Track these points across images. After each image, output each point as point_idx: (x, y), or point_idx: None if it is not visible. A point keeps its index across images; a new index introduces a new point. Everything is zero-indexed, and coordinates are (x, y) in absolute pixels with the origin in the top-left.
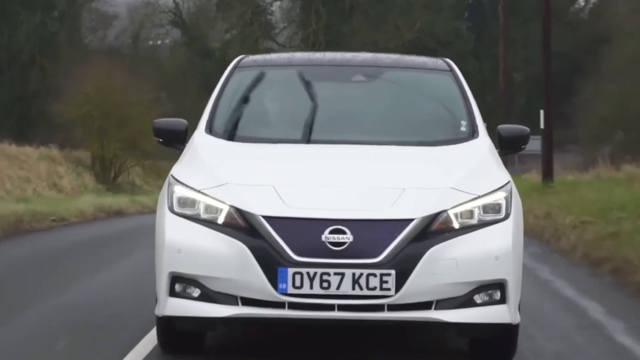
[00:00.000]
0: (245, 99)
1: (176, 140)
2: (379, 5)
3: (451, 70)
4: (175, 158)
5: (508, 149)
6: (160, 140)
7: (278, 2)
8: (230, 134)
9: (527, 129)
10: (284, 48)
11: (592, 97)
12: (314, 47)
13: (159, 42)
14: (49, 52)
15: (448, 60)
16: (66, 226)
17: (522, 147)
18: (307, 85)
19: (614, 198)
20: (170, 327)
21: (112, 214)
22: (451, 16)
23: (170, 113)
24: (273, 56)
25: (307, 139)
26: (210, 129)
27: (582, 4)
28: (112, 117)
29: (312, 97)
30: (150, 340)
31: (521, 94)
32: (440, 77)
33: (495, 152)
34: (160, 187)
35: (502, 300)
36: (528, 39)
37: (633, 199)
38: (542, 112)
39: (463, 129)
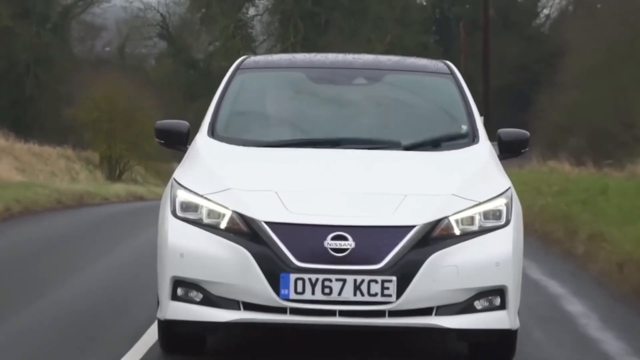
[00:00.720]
0: (247, 102)
1: (178, 142)
2: (353, 20)
3: (452, 73)
4: (175, 159)
5: (508, 152)
6: (162, 141)
7: (258, 17)
8: (232, 138)
9: (527, 132)
10: None
11: (547, 106)
12: None
13: (139, 50)
14: (43, 62)
15: (449, 62)
16: (110, 203)
17: (522, 151)
18: (309, 88)
19: (524, 180)
20: (172, 330)
21: (137, 197)
22: (420, 30)
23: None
24: (275, 57)
25: (309, 143)
26: (212, 132)
27: (543, 19)
28: (118, 122)
29: (314, 101)
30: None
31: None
32: (441, 80)
33: (495, 156)
34: (158, 185)
35: (502, 306)
36: (491, 51)
37: (535, 179)
38: (482, 117)
39: (464, 133)
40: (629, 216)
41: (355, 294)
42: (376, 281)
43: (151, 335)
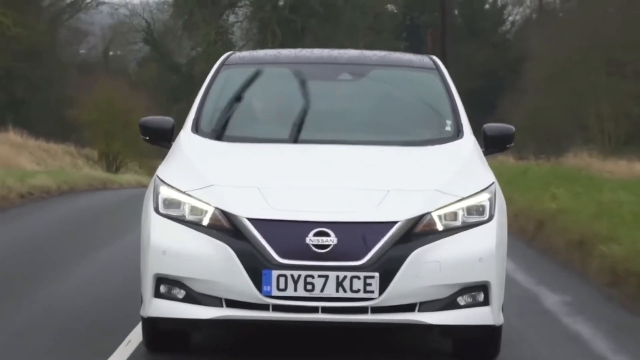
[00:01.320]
0: (231, 98)
1: (162, 139)
2: (327, 27)
3: (437, 68)
4: (163, 157)
5: (493, 147)
6: (147, 138)
7: (238, 23)
8: (216, 134)
9: (512, 127)
10: None
11: (510, 109)
12: None
13: (124, 54)
14: (34, 66)
15: (434, 57)
16: (125, 188)
17: (507, 146)
18: (294, 84)
19: None
20: (155, 328)
21: (144, 185)
22: (391, 37)
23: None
24: (260, 53)
25: (293, 138)
26: (196, 128)
27: (509, 26)
28: (116, 122)
29: (299, 96)
30: None
31: None
32: (426, 75)
33: (480, 151)
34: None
35: (486, 302)
36: (458, 57)
37: None
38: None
39: (448, 128)
40: (531, 187)
41: (337, 291)
42: (359, 277)
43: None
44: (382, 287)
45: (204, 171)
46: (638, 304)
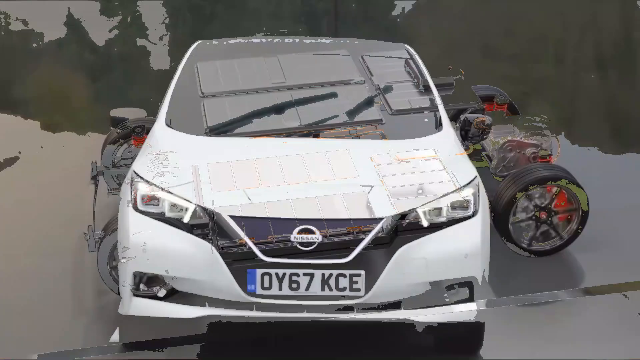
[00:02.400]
0: (203, 90)
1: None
2: (234, 13)
3: (412, 58)
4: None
5: (471, 139)
6: (118, 131)
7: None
8: (191, 127)
9: (490, 118)
10: (155, 46)
11: None
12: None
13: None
14: None
15: (407, 47)
16: None
17: (485, 137)
18: (267, 75)
19: None
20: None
21: None
22: (291, 21)
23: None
24: (230, 42)
25: (273, 131)
26: (170, 122)
27: (400, 11)
28: (56, 97)
29: (273, 89)
30: None
31: None
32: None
33: (459, 143)
34: None
35: (471, 298)
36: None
37: None
38: None
39: (426, 120)
40: None
41: (323, 289)
42: (344, 275)
43: None
44: (368, 285)
45: (182, 167)
46: None
